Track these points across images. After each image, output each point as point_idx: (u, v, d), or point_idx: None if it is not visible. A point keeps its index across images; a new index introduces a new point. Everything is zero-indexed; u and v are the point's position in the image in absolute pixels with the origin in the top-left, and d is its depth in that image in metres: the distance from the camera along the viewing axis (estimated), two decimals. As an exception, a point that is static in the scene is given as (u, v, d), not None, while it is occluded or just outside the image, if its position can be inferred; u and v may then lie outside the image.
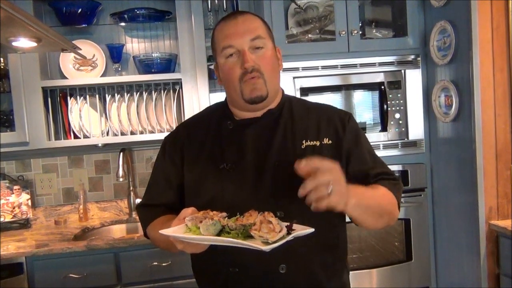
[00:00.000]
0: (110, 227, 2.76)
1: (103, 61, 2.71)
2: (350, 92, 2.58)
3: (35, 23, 1.34)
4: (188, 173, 1.33)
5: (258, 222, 1.03)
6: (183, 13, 2.58)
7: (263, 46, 1.27)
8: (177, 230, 1.10)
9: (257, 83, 1.26)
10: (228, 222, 1.07)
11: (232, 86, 1.28)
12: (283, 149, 1.28)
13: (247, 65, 1.24)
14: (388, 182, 1.30)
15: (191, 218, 1.09)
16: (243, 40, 1.25)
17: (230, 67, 1.27)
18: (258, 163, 1.27)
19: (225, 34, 1.28)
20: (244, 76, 1.25)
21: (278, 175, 1.25)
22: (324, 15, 2.66)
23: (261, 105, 1.29)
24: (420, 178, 2.60)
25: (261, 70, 1.26)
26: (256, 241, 1.01)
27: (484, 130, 2.23)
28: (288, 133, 1.30)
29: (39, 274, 2.27)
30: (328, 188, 1.00)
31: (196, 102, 2.60)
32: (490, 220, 2.25)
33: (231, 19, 1.29)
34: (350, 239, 2.55)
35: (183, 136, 1.39)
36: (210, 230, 1.06)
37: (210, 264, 1.29)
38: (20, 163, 2.84)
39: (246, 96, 1.27)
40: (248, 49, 1.25)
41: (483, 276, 2.26)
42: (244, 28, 1.26)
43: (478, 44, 2.20)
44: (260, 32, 1.28)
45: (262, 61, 1.26)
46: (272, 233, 1.00)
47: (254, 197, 1.25)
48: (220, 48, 1.28)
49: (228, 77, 1.29)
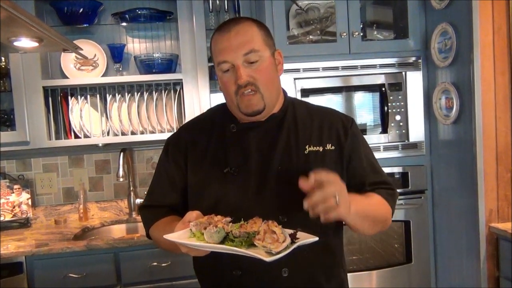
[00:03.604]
0: (110, 227, 2.76)
1: (104, 61, 2.71)
2: (350, 93, 2.58)
3: (37, 23, 1.34)
4: (192, 176, 1.33)
5: (262, 231, 1.03)
6: (184, 14, 2.58)
7: (257, 60, 1.25)
8: (181, 235, 1.11)
9: (252, 99, 1.25)
10: (233, 229, 1.07)
11: (230, 98, 1.29)
12: (287, 154, 1.28)
13: (240, 81, 1.23)
14: (385, 191, 1.33)
15: (195, 224, 1.10)
16: (236, 55, 1.23)
17: (226, 82, 1.27)
18: (262, 167, 1.27)
19: (219, 48, 1.27)
20: (239, 91, 1.25)
21: (281, 180, 1.25)
22: (325, 16, 2.66)
23: (260, 115, 1.29)
24: (420, 180, 2.60)
25: (257, 84, 1.25)
26: (259, 250, 1.01)
27: (484, 133, 2.23)
28: (291, 138, 1.30)
29: (39, 273, 2.27)
30: (335, 199, 1.04)
31: (197, 103, 2.61)
32: (490, 223, 2.25)
33: (224, 32, 1.26)
34: (349, 241, 2.57)
35: (186, 138, 1.38)
36: (214, 237, 1.06)
37: (214, 267, 1.29)
38: (20, 162, 2.84)
39: (243, 110, 1.27)
40: (242, 63, 1.24)
41: (483, 279, 2.26)
42: (237, 42, 1.24)
43: (479, 46, 2.20)
44: (253, 45, 1.24)
45: (257, 74, 1.25)
46: (275, 243, 1.01)
47: (258, 201, 1.25)
48: (216, 61, 1.28)
49: (225, 91, 1.30)
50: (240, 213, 1.14)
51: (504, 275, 2.22)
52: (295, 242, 1.04)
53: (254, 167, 1.28)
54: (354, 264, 2.59)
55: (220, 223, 1.08)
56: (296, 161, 1.27)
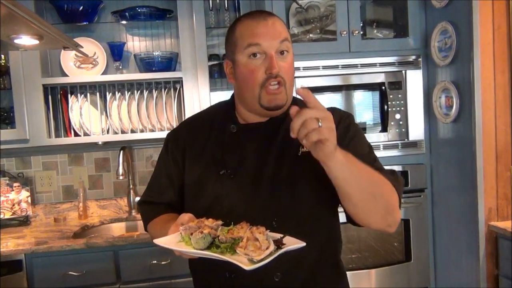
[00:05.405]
0: (109, 225, 2.76)
1: (104, 59, 2.71)
2: (350, 92, 2.58)
3: (37, 20, 1.34)
4: (189, 175, 1.32)
5: (245, 239, 1.01)
6: (184, 12, 2.58)
7: (288, 50, 1.23)
8: (171, 239, 1.11)
9: (279, 92, 1.22)
10: (221, 233, 1.06)
11: (250, 88, 1.23)
12: (281, 157, 1.26)
13: (275, 70, 1.19)
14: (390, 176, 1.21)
15: (184, 228, 1.09)
16: (272, 43, 1.20)
17: (253, 69, 1.21)
18: (257, 170, 1.25)
19: (253, 32, 1.21)
20: (267, 82, 1.20)
21: (274, 183, 1.23)
22: (326, 15, 2.66)
23: (275, 112, 1.26)
24: (420, 179, 2.60)
25: (284, 77, 1.22)
26: (243, 258, 1.00)
27: (484, 132, 2.23)
28: (286, 140, 1.25)
29: (38, 271, 2.27)
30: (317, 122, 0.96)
31: (197, 101, 2.61)
32: (490, 221, 2.25)
33: (260, 19, 1.23)
34: (349, 239, 2.57)
35: (185, 135, 1.37)
36: (199, 243, 1.06)
37: (207, 269, 1.28)
38: (20, 160, 2.84)
39: (264, 103, 1.23)
40: (275, 53, 1.21)
41: (482, 277, 2.27)
42: (274, 31, 1.21)
43: (479, 45, 2.20)
44: (287, 35, 1.23)
45: (286, 68, 1.22)
46: (258, 251, 0.98)
47: (251, 205, 1.23)
48: (244, 44, 1.22)
49: (248, 79, 1.23)
50: (234, 217, 1.12)
51: (503, 273, 2.22)
52: (281, 248, 1.02)
53: (250, 170, 1.26)
54: (353, 262, 2.59)
55: (208, 228, 1.07)
56: (289, 164, 1.24)
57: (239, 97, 1.31)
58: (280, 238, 1.04)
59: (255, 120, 1.30)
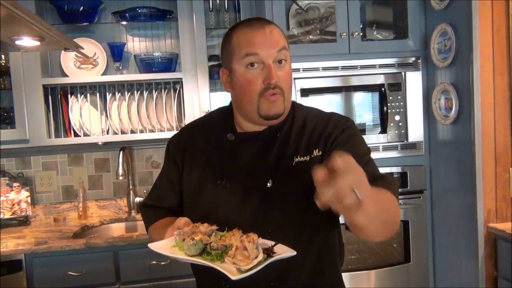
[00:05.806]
0: (109, 226, 2.77)
1: (104, 60, 2.71)
2: (350, 93, 2.58)
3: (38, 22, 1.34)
4: (186, 183, 1.33)
5: (234, 248, 1.01)
6: (184, 13, 2.58)
7: (286, 59, 1.22)
8: (166, 243, 1.13)
9: (277, 101, 1.21)
10: (213, 240, 1.06)
11: (249, 99, 1.22)
12: (276, 167, 1.24)
13: (273, 81, 1.18)
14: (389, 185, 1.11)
15: (178, 233, 1.10)
16: (270, 52, 1.19)
17: (250, 79, 1.20)
18: (252, 180, 1.24)
19: (251, 40, 1.20)
20: (265, 92, 1.19)
21: (269, 194, 1.22)
22: (325, 16, 2.66)
23: (273, 121, 1.25)
24: (419, 180, 2.61)
25: (283, 87, 1.21)
26: (231, 266, 0.99)
27: (483, 133, 2.24)
28: (282, 150, 1.26)
29: (38, 271, 2.27)
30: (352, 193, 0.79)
31: (197, 102, 2.61)
32: (489, 223, 2.26)
33: (257, 27, 1.21)
34: (348, 241, 2.57)
35: (186, 139, 1.37)
36: (191, 250, 1.06)
37: (204, 274, 1.29)
38: (20, 160, 2.85)
39: (263, 113, 1.22)
40: (273, 62, 1.20)
41: (481, 279, 2.27)
42: (271, 40, 1.20)
43: (479, 47, 2.20)
44: (284, 44, 1.22)
45: (284, 77, 1.22)
46: (246, 260, 0.98)
47: (246, 215, 1.22)
48: (241, 53, 1.20)
49: (246, 89, 1.22)
50: (230, 225, 1.12)
51: (502, 275, 2.23)
52: (271, 256, 1.01)
53: (245, 180, 1.25)
54: (353, 263, 2.60)
55: (200, 234, 1.07)
56: (284, 174, 1.22)
57: (237, 106, 1.30)
58: (271, 246, 1.03)
59: (253, 129, 1.29)
